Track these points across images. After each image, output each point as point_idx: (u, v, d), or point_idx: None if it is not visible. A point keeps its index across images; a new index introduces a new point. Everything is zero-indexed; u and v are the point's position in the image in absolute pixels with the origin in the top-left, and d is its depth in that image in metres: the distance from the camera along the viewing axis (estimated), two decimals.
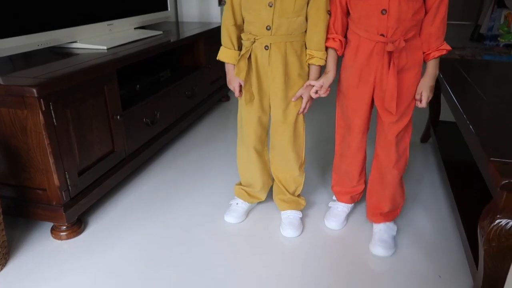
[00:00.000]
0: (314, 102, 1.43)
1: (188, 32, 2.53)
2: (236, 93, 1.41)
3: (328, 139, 2.38)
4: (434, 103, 2.17)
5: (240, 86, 1.39)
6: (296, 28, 1.29)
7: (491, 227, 1.00)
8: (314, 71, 1.36)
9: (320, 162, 2.07)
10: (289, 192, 1.54)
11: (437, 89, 1.86)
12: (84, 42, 1.85)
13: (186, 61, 2.61)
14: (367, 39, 1.24)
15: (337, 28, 1.30)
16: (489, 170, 1.01)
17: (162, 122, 2.09)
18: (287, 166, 1.49)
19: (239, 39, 1.39)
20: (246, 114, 1.44)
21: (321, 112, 2.43)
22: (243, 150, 1.53)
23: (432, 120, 2.22)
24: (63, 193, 1.41)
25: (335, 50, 1.32)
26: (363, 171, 1.55)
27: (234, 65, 1.37)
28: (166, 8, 2.61)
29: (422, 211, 1.67)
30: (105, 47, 1.82)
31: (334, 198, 1.65)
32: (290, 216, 1.54)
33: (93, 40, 1.90)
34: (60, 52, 1.77)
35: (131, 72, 2.11)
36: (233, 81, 1.40)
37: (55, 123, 1.34)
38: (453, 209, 1.58)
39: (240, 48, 1.40)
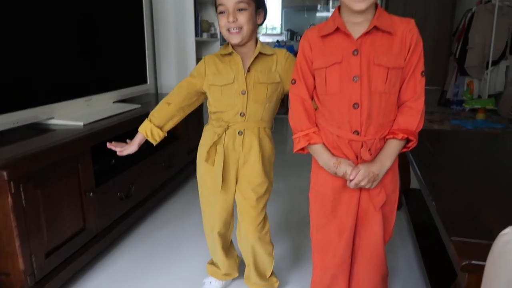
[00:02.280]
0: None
1: None
2: None
3: (293, 202, 2.40)
4: (403, 172, 2.24)
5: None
6: (267, 113, 1.35)
7: None
8: None
9: (290, 233, 2.06)
10: (259, 276, 1.51)
11: (405, 158, 1.95)
12: (61, 118, 1.86)
13: None
14: (340, 137, 1.13)
15: (313, 119, 1.19)
16: (450, 249, 1.04)
17: (136, 195, 2.07)
18: (257, 254, 1.46)
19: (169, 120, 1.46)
20: (207, 200, 1.45)
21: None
22: (209, 231, 1.51)
23: (402, 189, 2.28)
24: (27, 277, 1.36)
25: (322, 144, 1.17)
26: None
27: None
28: (145, 82, 2.68)
29: (397, 283, 1.66)
30: (81, 123, 1.83)
31: None
32: None
33: (70, 115, 1.92)
34: (36, 128, 1.77)
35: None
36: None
37: (24, 205, 1.33)
38: (425, 282, 1.58)
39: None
